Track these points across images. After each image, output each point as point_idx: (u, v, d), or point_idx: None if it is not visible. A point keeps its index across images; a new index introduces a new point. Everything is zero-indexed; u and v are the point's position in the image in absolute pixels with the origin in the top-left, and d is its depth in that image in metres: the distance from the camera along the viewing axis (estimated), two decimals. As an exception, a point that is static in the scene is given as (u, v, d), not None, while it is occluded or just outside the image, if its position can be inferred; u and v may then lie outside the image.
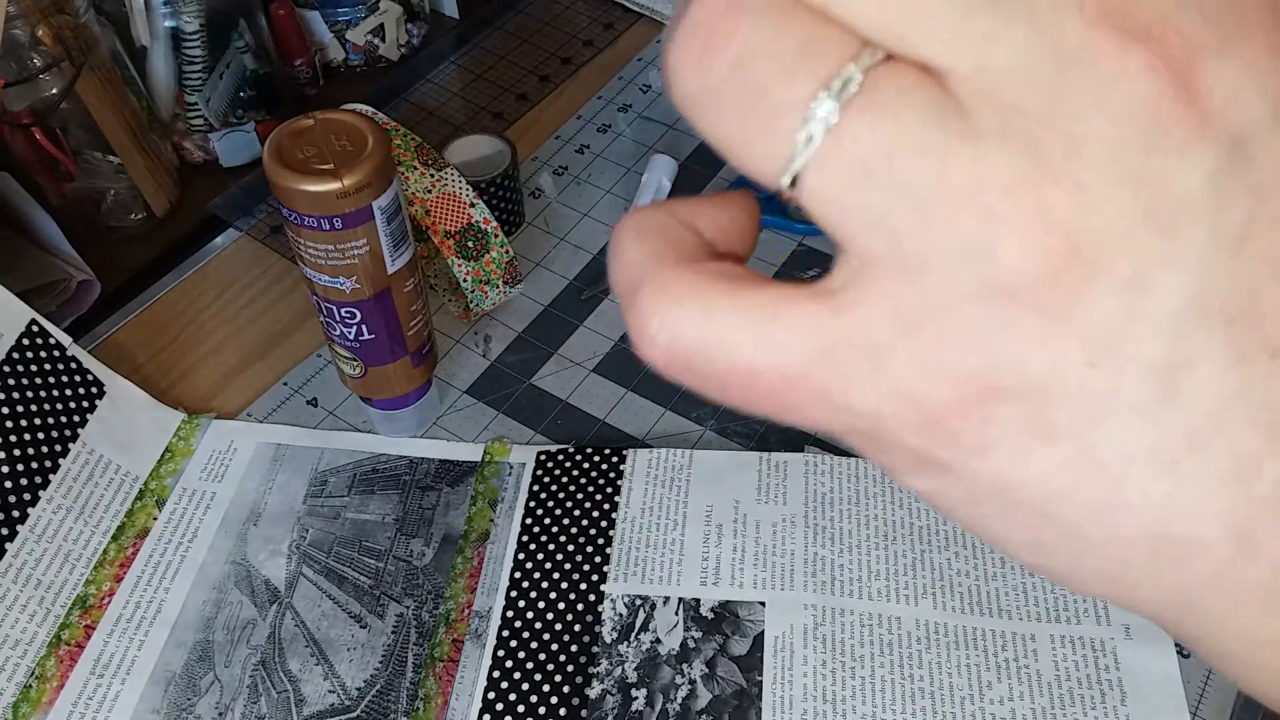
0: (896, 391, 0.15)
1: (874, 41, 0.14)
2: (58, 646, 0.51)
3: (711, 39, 0.15)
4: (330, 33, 0.79)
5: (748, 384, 0.16)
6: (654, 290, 0.16)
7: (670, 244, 0.17)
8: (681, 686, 0.49)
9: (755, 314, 0.16)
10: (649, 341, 0.16)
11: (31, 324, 0.56)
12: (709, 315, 0.16)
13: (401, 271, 0.51)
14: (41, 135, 0.65)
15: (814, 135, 0.14)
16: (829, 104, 0.14)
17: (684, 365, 0.16)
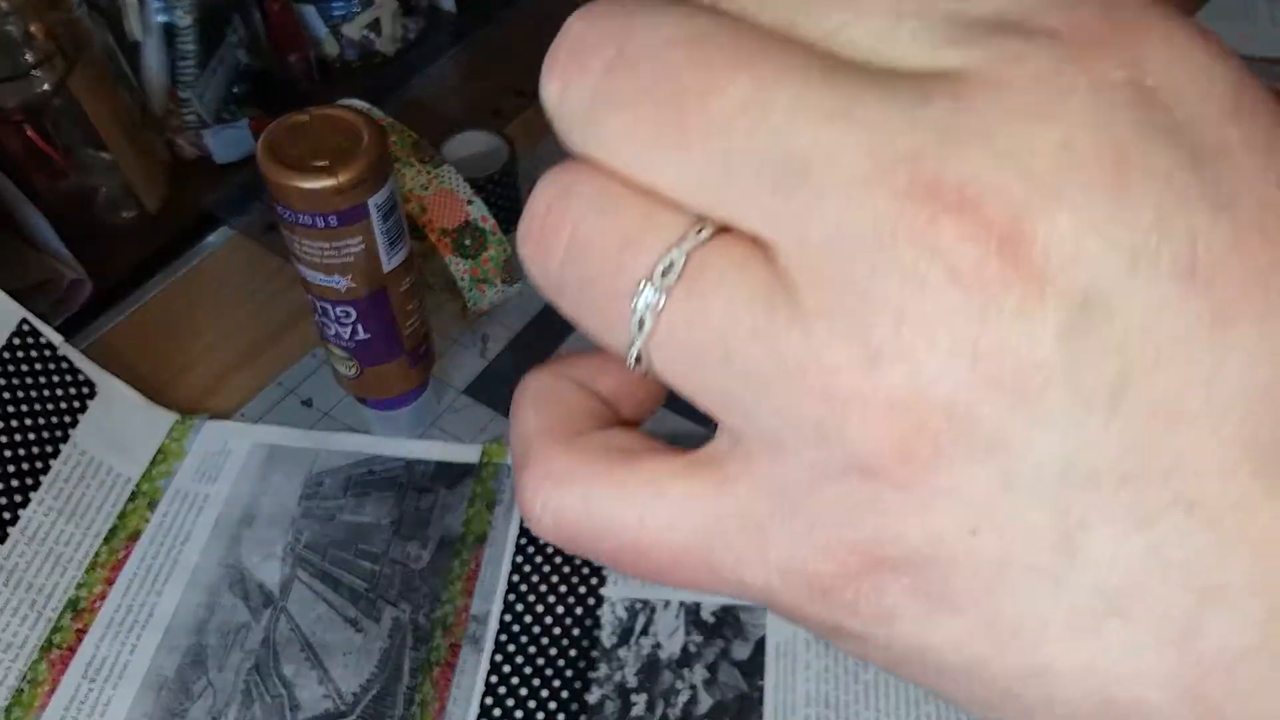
0: (783, 567, 0.15)
1: (704, 215, 0.14)
2: (49, 650, 0.50)
3: (544, 233, 0.15)
4: (325, 27, 0.79)
5: (636, 560, 0.16)
6: (536, 470, 0.17)
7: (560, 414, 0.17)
8: (682, 692, 0.48)
9: (636, 493, 0.16)
10: (534, 520, 0.17)
11: (22, 323, 0.55)
12: (589, 497, 0.16)
13: (398, 270, 0.50)
14: (33, 132, 0.64)
15: (644, 320, 0.15)
16: (649, 292, 0.14)
17: (572, 543, 0.17)
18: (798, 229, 0.14)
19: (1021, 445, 0.13)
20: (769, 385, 0.14)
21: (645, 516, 0.16)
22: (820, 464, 0.14)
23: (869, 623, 0.15)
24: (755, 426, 0.15)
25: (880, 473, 0.14)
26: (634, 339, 0.15)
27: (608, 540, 0.16)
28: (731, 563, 0.15)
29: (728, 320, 0.14)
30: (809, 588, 0.15)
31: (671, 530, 0.16)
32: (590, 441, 0.17)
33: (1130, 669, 0.14)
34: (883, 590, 0.15)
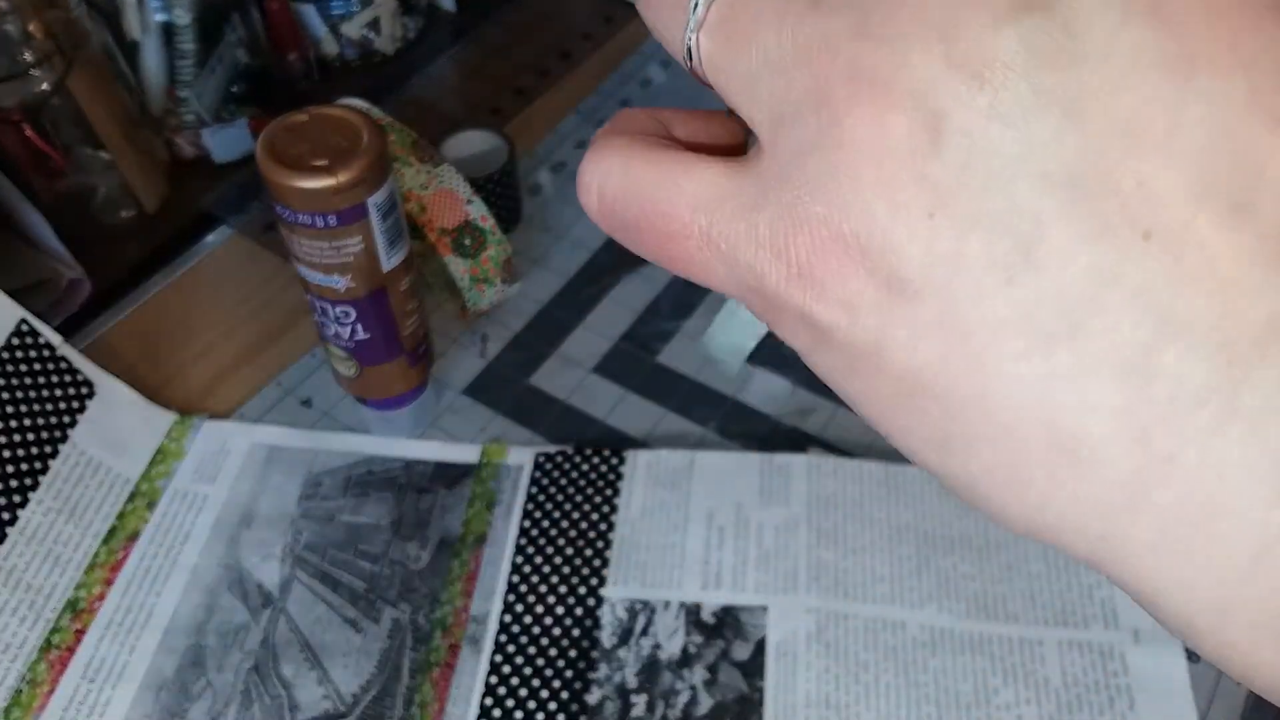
0: (769, 243, 0.16)
1: None
2: (48, 651, 0.50)
3: None
4: (325, 26, 0.78)
5: (655, 228, 0.18)
6: (594, 149, 0.19)
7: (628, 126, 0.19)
8: (682, 692, 0.48)
9: (668, 169, 0.18)
10: (584, 188, 0.19)
11: (21, 323, 0.55)
12: (629, 167, 0.18)
13: (397, 269, 0.50)
14: (32, 131, 0.64)
15: (698, 4, 0.17)
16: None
17: (609, 210, 0.18)
18: None
19: (980, 132, 0.14)
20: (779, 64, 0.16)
21: (671, 187, 0.18)
22: (811, 138, 0.15)
23: (834, 309, 0.16)
24: (767, 112, 0.16)
25: (853, 145, 0.15)
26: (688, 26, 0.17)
27: (635, 207, 0.18)
28: (728, 237, 0.17)
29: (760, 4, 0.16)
30: (787, 264, 0.16)
31: (687, 201, 0.17)
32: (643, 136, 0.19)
33: (1078, 396, 0.14)
34: (848, 271, 0.15)
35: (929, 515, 0.53)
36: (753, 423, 0.58)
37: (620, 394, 0.60)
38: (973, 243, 0.14)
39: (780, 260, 0.16)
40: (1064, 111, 0.14)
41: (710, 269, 0.18)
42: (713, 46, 0.17)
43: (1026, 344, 0.14)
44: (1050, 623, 0.49)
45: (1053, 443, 0.14)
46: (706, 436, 0.58)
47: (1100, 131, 0.14)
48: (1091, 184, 0.14)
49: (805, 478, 0.54)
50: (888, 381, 0.16)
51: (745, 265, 0.17)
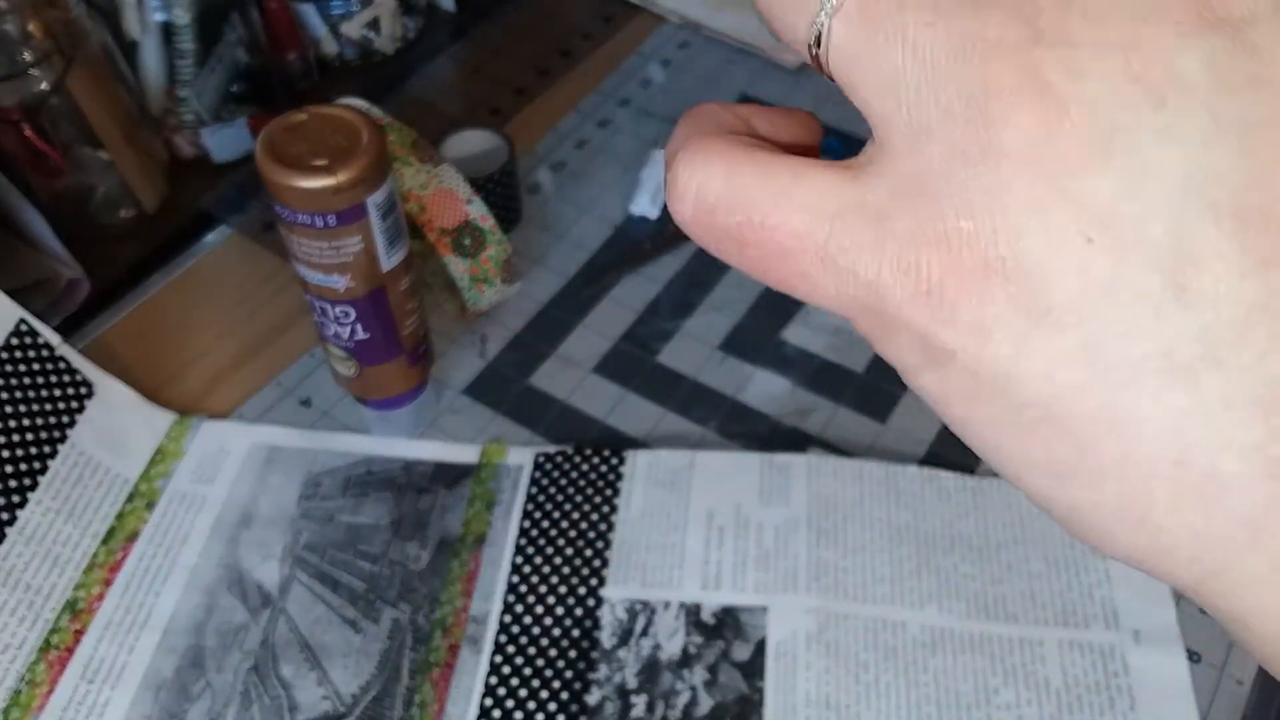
0: (897, 258, 0.15)
1: None
2: (47, 651, 0.50)
3: None
4: (324, 26, 0.78)
5: (762, 240, 0.17)
6: (689, 152, 0.17)
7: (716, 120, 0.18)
8: (682, 693, 0.48)
9: (776, 175, 0.16)
10: (679, 196, 0.17)
11: (20, 323, 0.55)
12: (733, 172, 0.17)
13: (397, 269, 0.50)
14: (31, 130, 0.64)
15: None
16: None
17: (708, 219, 0.17)
18: None
19: (1152, 152, 0.13)
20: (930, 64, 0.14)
21: (778, 196, 0.16)
22: (958, 148, 0.14)
23: (964, 333, 0.15)
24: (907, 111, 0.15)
25: (1014, 158, 0.14)
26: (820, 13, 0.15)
27: (739, 215, 0.17)
28: (847, 250, 0.16)
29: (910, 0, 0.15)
30: (916, 283, 0.15)
31: (801, 211, 0.16)
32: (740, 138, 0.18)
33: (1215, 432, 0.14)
34: (987, 296, 0.14)
35: (929, 515, 0.53)
36: (753, 423, 0.58)
37: (620, 394, 0.60)
38: (1129, 272, 0.13)
39: (909, 278, 0.15)
40: (1240, 139, 0.13)
41: (819, 285, 0.16)
42: (851, 35, 0.15)
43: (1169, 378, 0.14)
44: (1051, 623, 0.49)
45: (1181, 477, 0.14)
46: (706, 436, 0.57)
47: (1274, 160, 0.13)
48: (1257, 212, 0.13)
49: (805, 478, 0.54)
50: (1011, 409, 0.15)
51: (864, 282, 0.16)
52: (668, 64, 0.80)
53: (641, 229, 0.68)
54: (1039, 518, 0.52)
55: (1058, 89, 0.14)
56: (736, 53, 0.80)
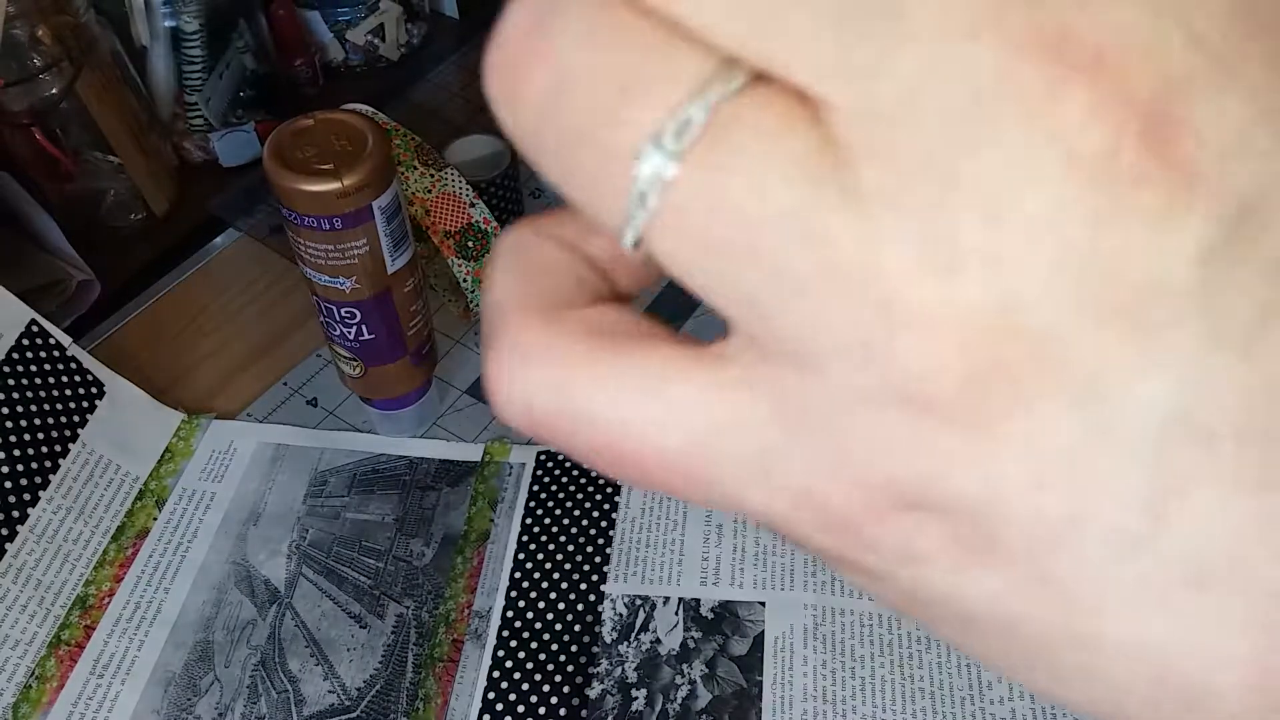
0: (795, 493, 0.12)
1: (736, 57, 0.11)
2: (57, 647, 0.51)
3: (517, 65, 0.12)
4: (330, 33, 0.79)
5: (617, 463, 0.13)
6: (507, 344, 0.14)
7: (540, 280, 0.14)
8: (681, 686, 0.49)
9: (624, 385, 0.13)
10: (503, 403, 0.14)
11: (31, 324, 0.55)
12: (567, 383, 0.13)
13: (401, 271, 0.51)
14: (41, 135, 0.65)
15: (646, 195, 0.11)
16: (657, 158, 0.11)
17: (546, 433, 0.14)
18: (866, 82, 0.10)
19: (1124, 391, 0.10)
20: (804, 286, 0.11)
21: (632, 415, 0.13)
22: (860, 389, 0.11)
23: (891, 562, 0.13)
24: (781, 335, 0.12)
25: (938, 409, 0.11)
26: (632, 216, 0.12)
27: (583, 436, 0.13)
28: (730, 479, 0.13)
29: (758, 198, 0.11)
30: (824, 520, 0.12)
31: (663, 434, 0.13)
32: (572, 317, 0.14)
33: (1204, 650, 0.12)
34: (916, 533, 0.12)
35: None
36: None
37: (621, 394, 0.60)
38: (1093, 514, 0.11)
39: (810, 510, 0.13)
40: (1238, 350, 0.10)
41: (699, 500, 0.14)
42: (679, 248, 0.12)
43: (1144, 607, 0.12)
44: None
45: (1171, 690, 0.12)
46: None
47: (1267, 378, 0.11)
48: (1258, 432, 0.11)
49: (803, 476, 0.55)
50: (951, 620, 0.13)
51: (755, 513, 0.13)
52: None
53: (642, 232, 0.69)
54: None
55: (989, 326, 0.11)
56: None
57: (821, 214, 0.11)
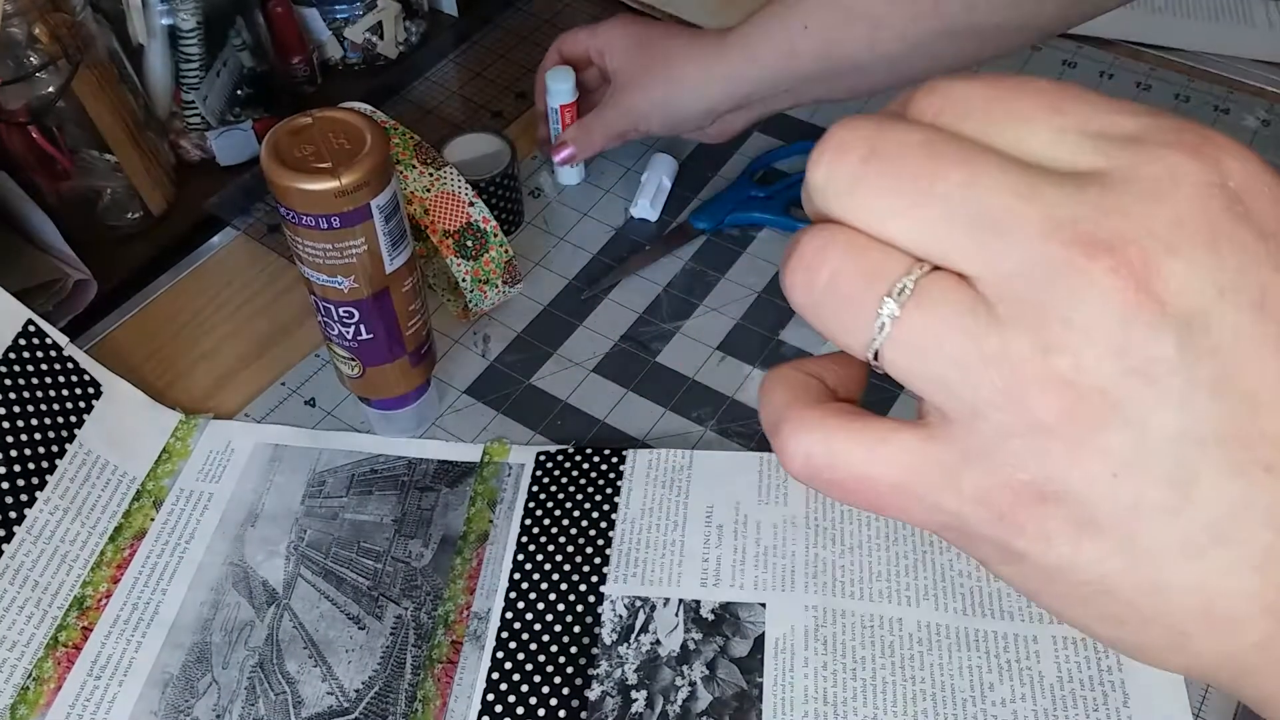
0: (973, 497, 0.21)
1: (923, 258, 0.20)
2: (55, 648, 0.50)
3: (812, 264, 0.21)
4: (328, 30, 0.79)
5: (861, 488, 0.22)
6: (792, 425, 0.23)
7: (802, 390, 0.24)
8: (682, 688, 0.49)
9: (865, 439, 0.22)
10: (789, 458, 0.23)
11: (28, 324, 0.55)
12: (831, 439, 0.22)
13: (400, 271, 0.50)
14: (38, 134, 0.64)
15: (885, 325, 0.21)
16: (891, 304, 0.20)
17: (816, 476, 0.22)
18: (995, 265, 0.20)
19: (1151, 416, 0.19)
20: (974, 368, 0.20)
21: (871, 457, 0.22)
22: (1005, 424, 0.20)
23: (1031, 542, 0.21)
24: (959, 400, 0.20)
25: (1050, 431, 0.19)
26: (875, 339, 0.21)
27: (841, 472, 0.22)
28: (933, 493, 0.21)
29: (945, 325, 0.20)
30: (991, 513, 0.21)
31: (890, 467, 0.22)
32: (829, 405, 0.23)
33: (1226, 587, 0.20)
34: (1046, 517, 0.20)
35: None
36: (751, 422, 0.58)
37: (620, 394, 0.60)
38: (1148, 493, 0.19)
39: (984, 509, 0.21)
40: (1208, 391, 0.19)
41: (913, 515, 0.22)
42: (899, 356, 0.21)
43: (1188, 556, 0.20)
44: (1045, 619, 0.49)
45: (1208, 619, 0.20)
46: (706, 436, 0.58)
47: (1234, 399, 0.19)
48: (1229, 439, 0.19)
49: (803, 476, 0.55)
50: (1072, 586, 0.21)
51: (950, 511, 0.21)
52: (668, 68, 0.80)
53: (641, 231, 0.69)
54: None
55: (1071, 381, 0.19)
56: (736, 56, 0.81)
57: (979, 329, 0.20)
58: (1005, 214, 0.20)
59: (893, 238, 0.21)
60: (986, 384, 0.20)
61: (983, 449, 0.20)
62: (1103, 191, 0.19)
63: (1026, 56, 0.80)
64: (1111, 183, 0.19)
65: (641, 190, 0.70)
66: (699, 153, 0.73)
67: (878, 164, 0.21)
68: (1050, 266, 0.19)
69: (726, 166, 0.73)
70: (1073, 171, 0.20)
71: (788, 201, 0.68)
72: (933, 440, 0.21)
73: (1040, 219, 0.19)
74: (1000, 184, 0.20)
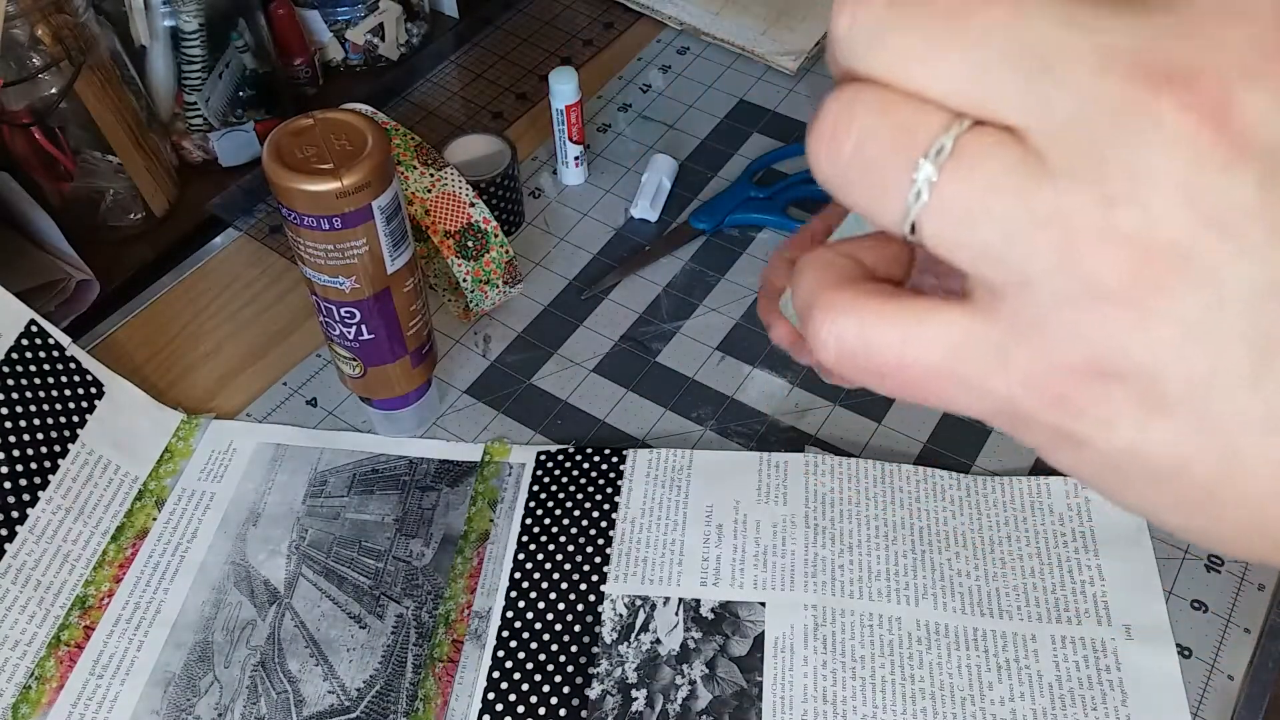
0: (1024, 379, 0.18)
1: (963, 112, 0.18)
2: (57, 647, 0.51)
3: (835, 130, 0.19)
4: (330, 32, 0.79)
5: (899, 373, 0.20)
6: (823, 307, 0.20)
7: (835, 271, 0.21)
8: (681, 687, 0.49)
9: (902, 320, 0.19)
10: (821, 346, 0.20)
11: (31, 324, 0.55)
12: (865, 322, 0.20)
13: (401, 271, 0.51)
14: (41, 135, 0.65)
15: (921, 192, 0.18)
16: (928, 168, 0.18)
17: (850, 363, 0.20)
18: (1045, 111, 0.17)
19: (1228, 271, 0.16)
20: (1024, 232, 0.17)
21: (909, 338, 0.19)
22: (1061, 291, 0.17)
23: (1093, 426, 0.18)
24: (1008, 269, 0.18)
25: (1112, 296, 0.17)
26: (910, 209, 0.18)
27: (876, 358, 0.20)
28: (979, 376, 0.19)
29: (991, 186, 0.17)
30: (1045, 396, 0.18)
31: (930, 348, 0.19)
32: (861, 286, 0.21)
33: None
34: (1108, 397, 0.18)
35: (924, 513, 0.53)
36: (751, 422, 0.59)
37: (620, 394, 0.60)
38: (1224, 363, 0.17)
39: (1037, 391, 0.18)
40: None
41: (956, 401, 0.20)
42: (940, 226, 0.18)
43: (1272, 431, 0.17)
44: (1044, 618, 0.50)
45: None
46: (705, 436, 0.58)
47: None
48: None
49: (802, 476, 0.55)
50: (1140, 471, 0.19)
51: (999, 395, 0.19)
52: (667, 69, 0.80)
53: (641, 231, 0.69)
54: (1032, 515, 0.53)
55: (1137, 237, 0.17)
56: (735, 58, 0.81)
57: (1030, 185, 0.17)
58: (1056, 49, 0.17)
59: (927, 90, 0.18)
60: (1040, 247, 0.17)
61: (1036, 323, 0.18)
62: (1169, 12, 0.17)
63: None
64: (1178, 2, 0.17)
65: (641, 190, 0.70)
66: (699, 153, 0.74)
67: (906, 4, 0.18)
68: (1110, 107, 0.17)
69: (726, 167, 0.73)
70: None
71: (787, 202, 0.69)
72: (978, 316, 0.19)
73: (1096, 51, 0.17)
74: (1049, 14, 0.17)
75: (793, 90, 0.78)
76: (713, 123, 0.76)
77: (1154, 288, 0.17)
